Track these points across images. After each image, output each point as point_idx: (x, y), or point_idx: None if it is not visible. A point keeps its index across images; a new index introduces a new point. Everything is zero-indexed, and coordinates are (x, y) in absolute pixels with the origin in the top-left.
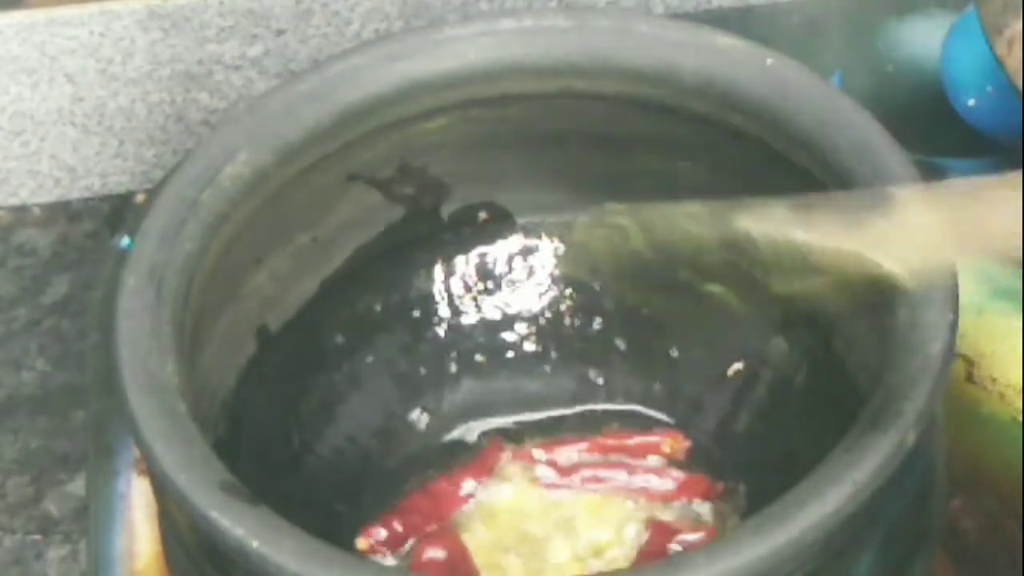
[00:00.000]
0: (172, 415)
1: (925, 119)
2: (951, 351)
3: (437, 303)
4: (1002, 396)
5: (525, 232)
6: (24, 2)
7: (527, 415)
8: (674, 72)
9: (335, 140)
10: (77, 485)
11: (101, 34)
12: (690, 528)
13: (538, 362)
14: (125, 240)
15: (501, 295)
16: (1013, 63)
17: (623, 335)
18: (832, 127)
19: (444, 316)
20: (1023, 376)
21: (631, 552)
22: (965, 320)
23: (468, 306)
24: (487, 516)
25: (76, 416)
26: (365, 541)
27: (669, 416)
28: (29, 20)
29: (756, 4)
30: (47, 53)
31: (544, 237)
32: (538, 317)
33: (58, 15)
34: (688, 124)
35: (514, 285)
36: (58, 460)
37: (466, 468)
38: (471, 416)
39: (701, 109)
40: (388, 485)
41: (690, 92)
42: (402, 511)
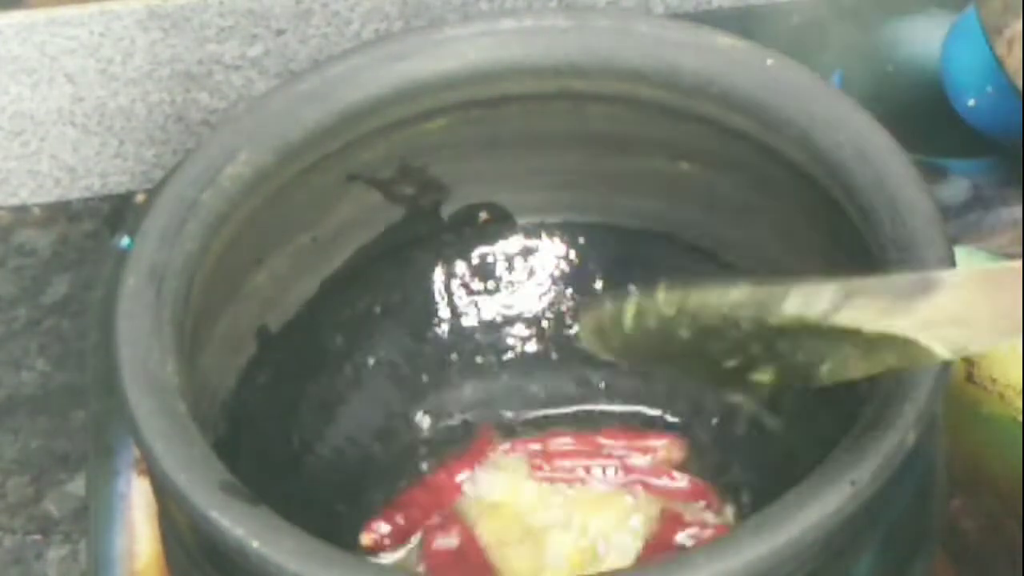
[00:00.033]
0: (172, 415)
1: (925, 119)
2: None
3: (437, 304)
4: (1002, 396)
5: (526, 233)
6: (24, 2)
7: (527, 415)
8: (674, 72)
9: (335, 140)
10: (77, 485)
11: (101, 34)
12: (697, 523)
13: (538, 363)
14: (125, 240)
15: (501, 296)
16: (1013, 63)
17: None
18: (832, 127)
19: (444, 317)
20: (1023, 376)
21: (638, 543)
22: None
23: (468, 307)
24: (487, 509)
25: (76, 416)
26: (368, 536)
27: (670, 417)
28: (29, 20)
29: (756, 4)
30: (47, 53)
31: (544, 237)
32: (539, 318)
33: (58, 15)
34: (688, 124)
35: (515, 286)
36: (58, 460)
37: (461, 459)
38: (471, 416)
39: (701, 109)
40: (388, 484)
41: (690, 92)
42: (402, 505)
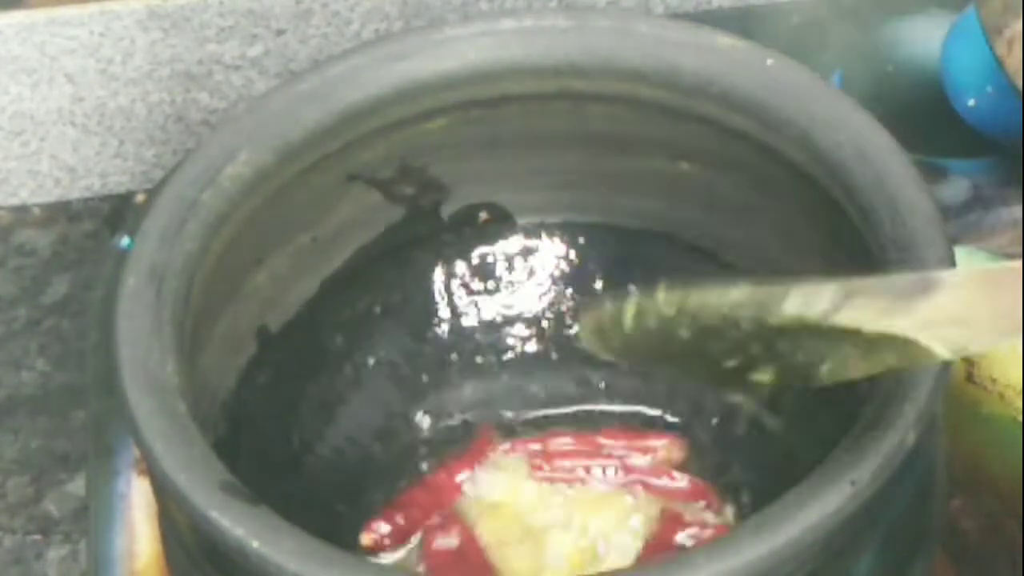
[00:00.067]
0: (172, 415)
1: (925, 119)
2: None
3: (437, 304)
4: (1002, 396)
5: (526, 233)
6: (24, 2)
7: (527, 415)
8: (674, 72)
9: (335, 140)
10: (77, 485)
11: (101, 34)
12: (697, 523)
13: (539, 363)
14: (125, 240)
15: (501, 296)
16: (1013, 63)
17: None
18: (832, 127)
19: (444, 317)
20: (1023, 376)
21: (638, 543)
22: None
23: (468, 307)
24: (487, 509)
25: (76, 416)
26: (369, 537)
27: (670, 417)
28: (29, 20)
29: (756, 4)
30: (47, 53)
31: (544, 237)
32: (539, 318)
33: (58, 15)
34: (688, 124)
35: (514, 286)
36: (58, 460)
37: (460, 459)
38: (471, 416)
39: (701, 109)
40: (388, 484)
41: (690, 92)
42: (402, 505)
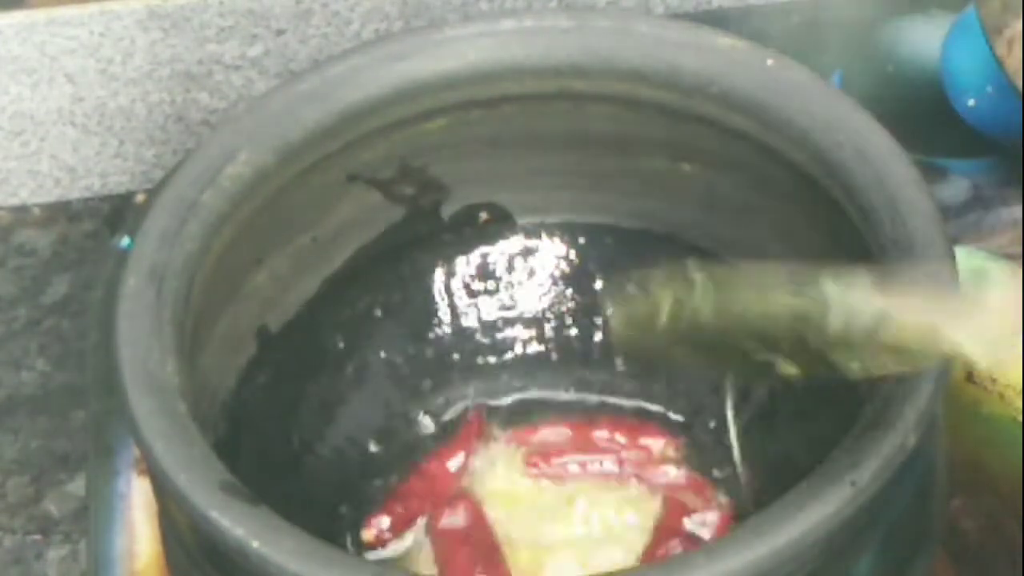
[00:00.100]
0: (172, 415)
1: (925, 119)
2: None
3: (438, 304)
4: (1002, 396)
5: (526, 233)
6: (24, 2)
7: (526, 413)
8: (674, 72)
9: (335, 140)
10: (77, 485)
11: (101, 34)
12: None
13: (539, 363)
14: (125, 240)
15: (502, 296)
16: (1013, 63)
17: None
18: (832, 127)
19: (444, 317)
20: (1023, 376)
21: (644, 537)
22: None
23: (469, 307)
24: (488, 497)
25: (76, 416)
26: (369, 532)
27: (671, 415)
28: (29, 20)
29: (756, 4)
30: (47, 53)
31: (544, 237)
32: (539, 318)
33: (58, 15)
34: (688, 124)
35: (515, 286)
36: (58, 460)
37: (451, 445)
38: (470, 416)
39: (701, 109)
40: (388, 483)
41: (690, 92)
42: (400, 496)
